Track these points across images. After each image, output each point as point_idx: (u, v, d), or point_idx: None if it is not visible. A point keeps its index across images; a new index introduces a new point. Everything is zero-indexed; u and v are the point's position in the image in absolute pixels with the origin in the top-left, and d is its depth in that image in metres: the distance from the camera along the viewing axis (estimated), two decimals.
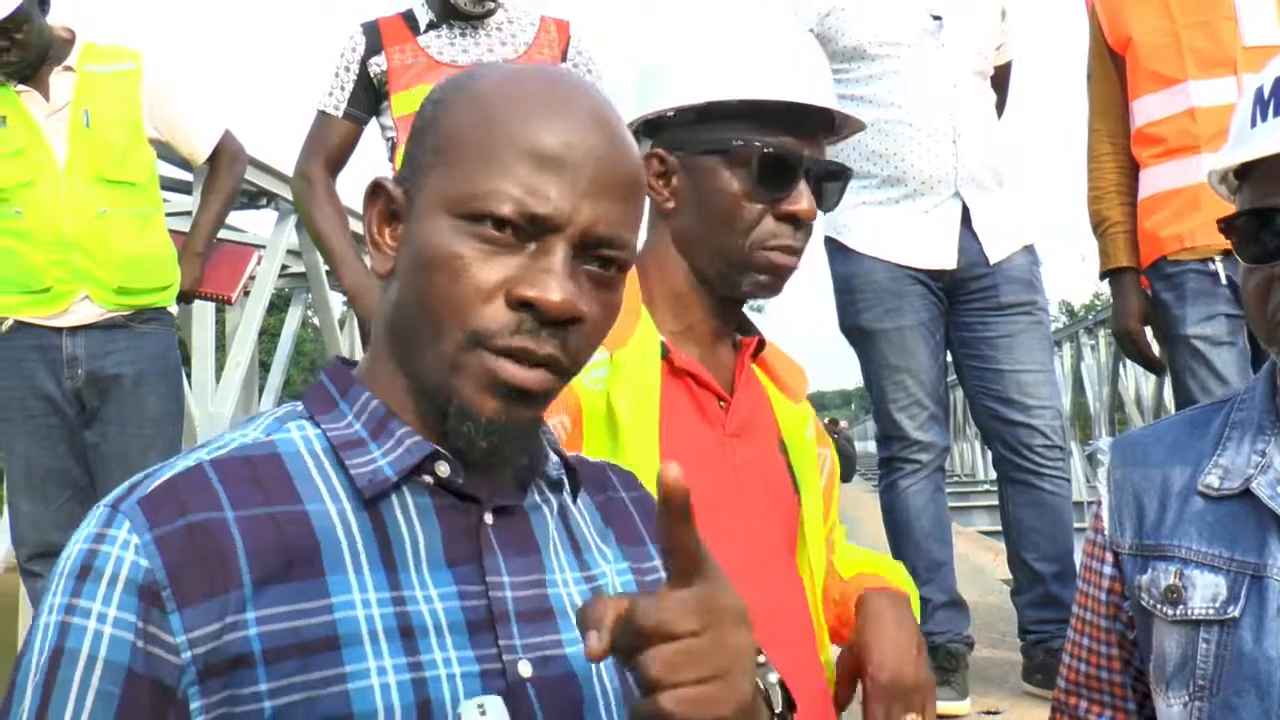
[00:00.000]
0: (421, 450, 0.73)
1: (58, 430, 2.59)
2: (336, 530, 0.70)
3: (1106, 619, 1.11)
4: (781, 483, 1.17)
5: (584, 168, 0.71)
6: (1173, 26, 2.24)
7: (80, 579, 0.66)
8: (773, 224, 1.11)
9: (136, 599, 0.65)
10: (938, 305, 2.45)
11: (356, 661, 0.67)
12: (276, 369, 5.22)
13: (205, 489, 0.68)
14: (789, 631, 1.11)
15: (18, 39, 2.49)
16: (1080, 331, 8.69)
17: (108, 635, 0.64)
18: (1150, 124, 2.27)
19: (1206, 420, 1.09)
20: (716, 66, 1.13)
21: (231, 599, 0.66)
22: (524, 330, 0.70)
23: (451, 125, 0.74)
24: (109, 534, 0.66)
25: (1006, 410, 2.44)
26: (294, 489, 0.71)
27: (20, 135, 2.56)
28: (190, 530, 0.66)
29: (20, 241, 2.55)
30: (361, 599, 0.69)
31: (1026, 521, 2.47)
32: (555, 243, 0.71)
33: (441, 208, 0.72)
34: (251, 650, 0.65)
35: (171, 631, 0.65)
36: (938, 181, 2.39)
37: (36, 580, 2.61)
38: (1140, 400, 7.56)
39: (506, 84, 0.74)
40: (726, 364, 1.18)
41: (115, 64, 2.66)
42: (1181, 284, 2.23)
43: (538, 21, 2.42)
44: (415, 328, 0.73)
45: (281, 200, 4.50)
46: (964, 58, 2.44)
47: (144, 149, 2.67)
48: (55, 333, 2.57)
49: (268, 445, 0.73)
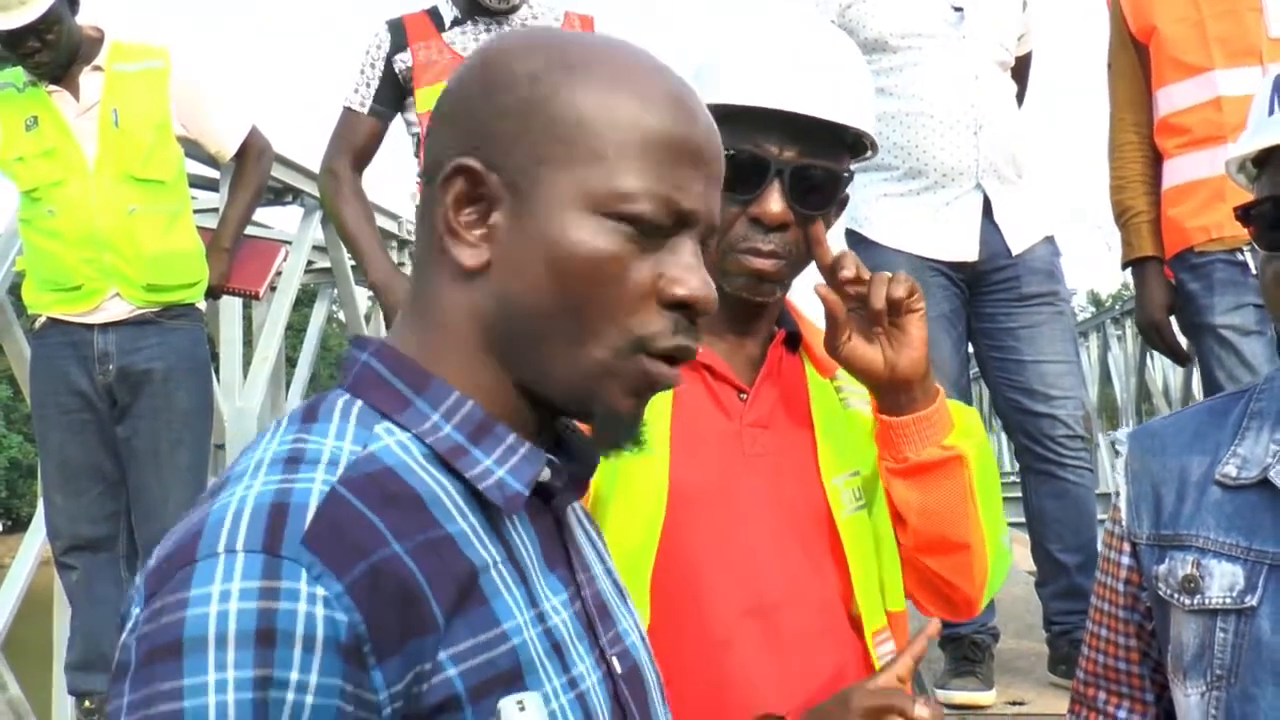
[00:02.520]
0: (539, 459, 0.69)
1: (90, 425, 2.63)
2: (480, 552, 0.65)
3: (1125, 610, 1.11)
4: (811, 469, 1.16)
5: (714, 163, 0.70)
6: (1199, 15, 2.22)
7: (264, 645, 0.55)
8: (744, 226, 1.11)
9: (340, 660, 0.57)
10: (959, 296, 2.44)
11: (537, 687, 0.64)
12: (303, 364, 5.26)
13: (363, 520, 0.60)
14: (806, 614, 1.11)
15: (48, 40, 2.53)
16: (1107, 322, 8.59)
17: (310, 706, 0.56)
18: (1175, 113, 2.26)
19: (1225, 410, 1.08)
20: (708, 75, 1.14)
21: (427, 643, 0.60)
22: (681, 330, 0.69)
23: (575, 108, 0.67)
24: (283, 587, 0.56)
25: (1029, 401, 2.43)
26: (428, 511, 0.64)
27: (51, 135, 2.60)
28: (375, 573, 0.59)
29: (52, 240, 2.59)
30: (522, 621, 0.65)
31: (1050, 512, 2.46)
32: (689, 236, 0.69)
33: (581, 203, 0.66)
34: (457, 692, 0.60)
35: (374, 689, 0.58)
36: (959, 173, 2.38)
37: (71, 573, 2.66)
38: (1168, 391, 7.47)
39: (623, 65, 0.69)
40: (753, 358, 1.18)
41: (143, 62, 2.69)
42: (1209, 274, 2.22)
43: (562, 17, 2.44)
44: (550, 328, 0.67)
45: (307, 196, 4.54)
46: (985, 49, 2.43)
47: (172, 147, 2.71)
48: (87, 329, 2.61)
49: (374, 459, 0.64)
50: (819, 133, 1.12)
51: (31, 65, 2.57)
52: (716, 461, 1.12)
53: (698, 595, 1.09)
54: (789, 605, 1.11)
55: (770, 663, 1.09)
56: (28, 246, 2.69)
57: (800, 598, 1.11)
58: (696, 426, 1.12)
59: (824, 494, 1.15)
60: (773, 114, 1.10)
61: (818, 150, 1.12)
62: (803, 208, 1.12)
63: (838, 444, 1.17)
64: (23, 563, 3.35)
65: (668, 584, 1.07)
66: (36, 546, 3.35)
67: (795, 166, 1.11)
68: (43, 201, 2.60)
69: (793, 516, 1.13)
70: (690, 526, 1.09)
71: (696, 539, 1.09)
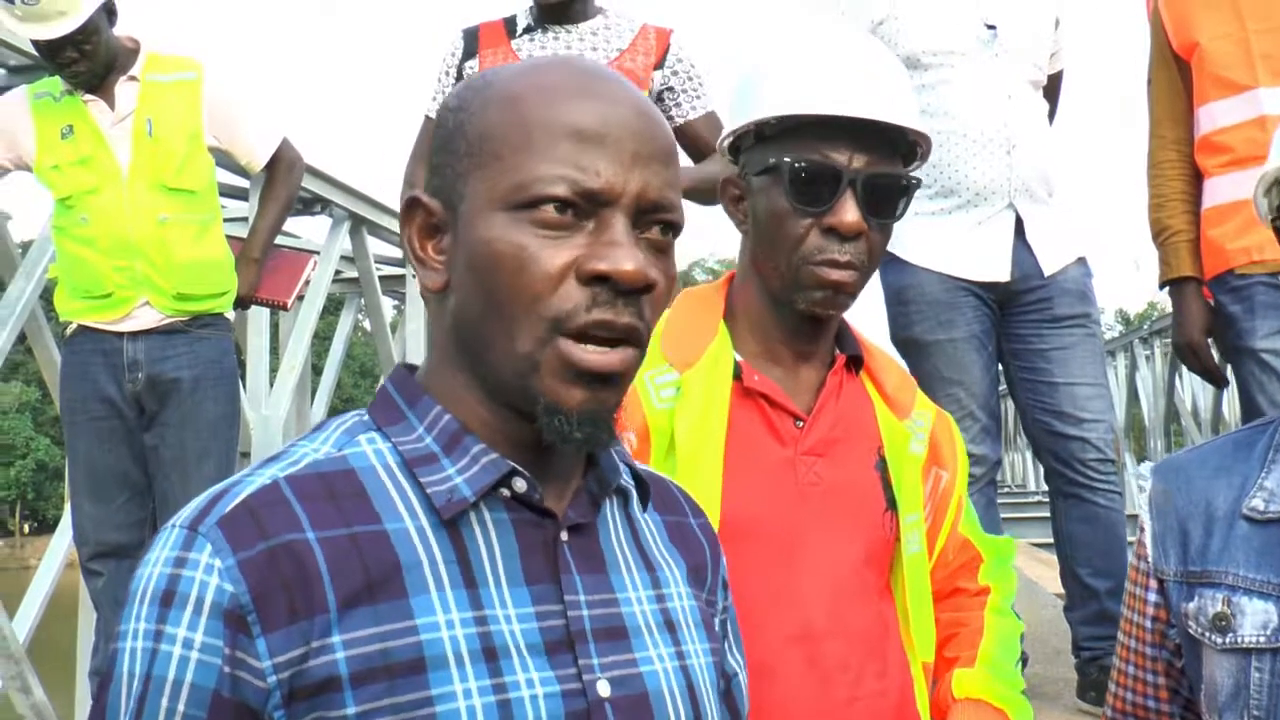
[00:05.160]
0: (499, 468, 0.72)
1: (118, 432, 2.65)
2: (417, 550, 0.70)
3: (1152, 647, 1.09)
4: (871, 499, 1.15)
5: (624, 139, 0.71)
6: (1243, 32, 2.18)
7: (165, 605, 0.65)
8: (818, 239, 1.11)
9: (222, 624, 0.65)
10: (990, 317, 2.42)
11: (443, 684, 0.67)
12: (329, 372, 5.29)
13: (283, 508, 0.68)
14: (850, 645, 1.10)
15: (86, 50, 2.55)
16: (1135, 342, 8.51)
17: (194, 660, 0.64)
18: (1217, 131, 2.22)
19: (1251, 442, 1.06)
20: (762, 88, 1.14)
21: (316, 623, 0.66)
22: (600, 303, 0.69)
23: (482, 125, 0.73)
24: (190, 557, 0.66)
25: (1059, 424, 2.40)
26: (371, 507, 0.70)
27: (86, 143, 2.62)
28: (273, 554, 0.66)
29: (85, 247, 2.62)
30: (445, 620, 0.68)
31: (1080, 537, 2.43)
32: (613, 215, 0.71)
33: (491, 205, 0.71)
34: (339, 673, 0.65)
35: (257, 656, 0.65)
36: (991, 193, 2.36)
37: (97, 579, 2.67)
38: (1197, 412, 7.39)
39: (527, 75, 0.74)
40: (811, 382, 1.17)
41: (178, 73, 2.71)
42: (1250, 296, 2.18)
43: (637, 29, 2.40)
44: (485, 332, 0.72)
45: (336, 206, 4.57)
46: (1018, 67, 2.41)
47: (203, 157, 2.73)
48: (117, 337, 2.63)
49: (340, 460, 0.72)
50: (880, 140, 1.12)
51: (69, 75, 2.60)
52: (769, 491, 1.11)
53: (742, 621, 1.08)
54: (833, 636, 1.09)
55: (812, 692, 1.07)
56: (61, 254, 2.72)
57: (845, 629, 1.10)
58: (750, 456, 1.11)
59: (883, 526, 1.14)
60: (837, 122, 1.10)
61: (881, 158, 1.12)
62: (875, 216, 1.12)
63: (907, 484, 1.17)
64: (49, 565, 3.38)
65: None
66: (63, 549, 3.37)
67: (867, 175, 1.10)
68: (77, 209, 2.62)
69: (845, 547, 1.12)
70: (739, 556, 1.08)
71: (744, 568, 1.08)
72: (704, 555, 0.87)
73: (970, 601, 1.29)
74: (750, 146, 1.17)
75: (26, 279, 3.12)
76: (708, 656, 0.81)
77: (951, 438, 1.27)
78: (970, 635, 1.26)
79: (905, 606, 1.14)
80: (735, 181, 1.19)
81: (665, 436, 1.10)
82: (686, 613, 0.81)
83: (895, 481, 1.15)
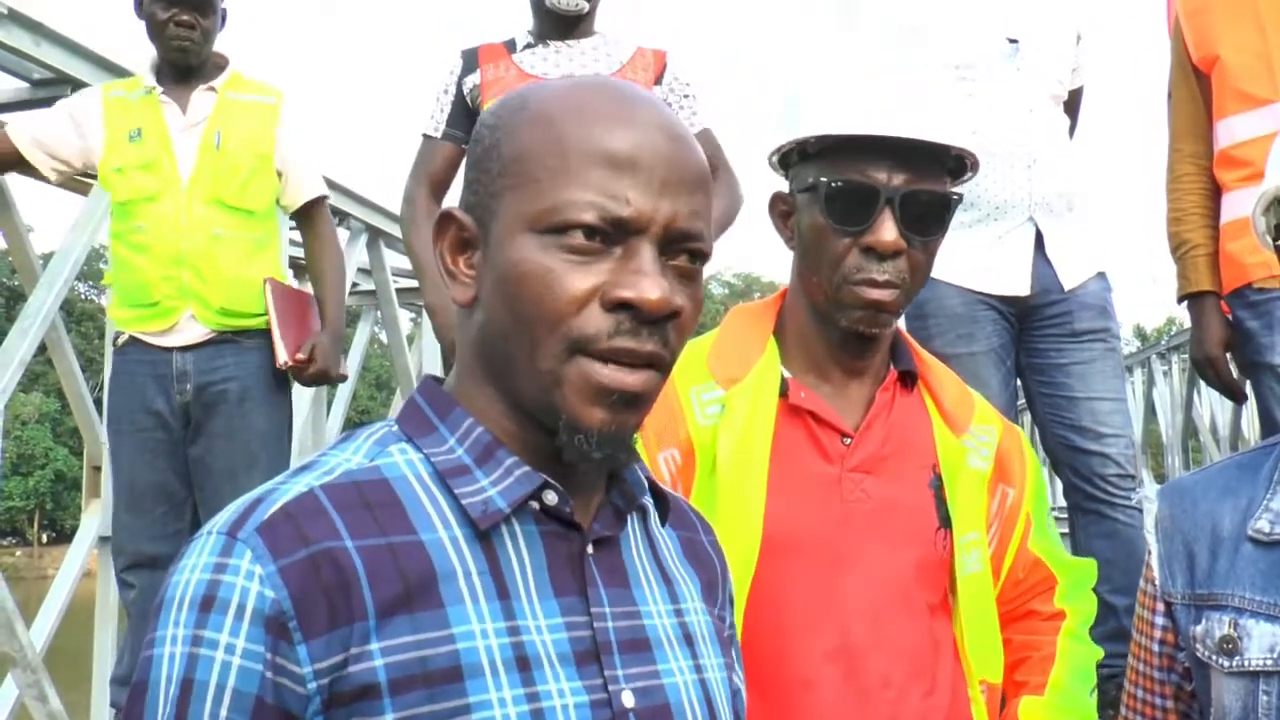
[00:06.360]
0: (532, 481, 0.73)
1: (162, 445, 2.62)
2: (452, 560, 0.71)
3: (1160, 670, 1.08)
4: (922, 517, 1.14)
5: (656, 167, 0.72)
6: (1264, 45, 2.17)
7: (204, 610, 0.66)
8: (857, 257, 1.11)
9: (264, 631, 0.65)
10: (1009, 331, 2.41)
11: (479, 693, 0.68)
12: (344, 385, 5.30)
13: (321, 516, 0.69)
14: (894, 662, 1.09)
15: (204, 24, 2.58)
16: (1153, 357, 8.45)
17: (236, 666, 0.65)
18: (1236, 145, 2.21)
19: (1256, 464, 1.06)
20: (805, 107, 1.15)
21: (356, 630, 0.67)
22: (623, 331, 0.71)
23: (518, 145, 0.74)
24: (230, 563, 0.66)
25: (1079, 439, 2.38)
26: (406, 517, 0.71)
27: (152, 148, 2.60)
28: (314, 560, 0.67)
29: (139, 254, 2.59)
30: (480, 629, 0.70)
31: (1099, 553, 2.40)
32: (640, 244, 0.72)
33: (522, 226, 0.72)
34: (377, 680, 0.66)
35: (298, 662, 0.65)
36: (1012, 207, 2.36)
37: (129, 590, 2.65)
38: (1215, 428, 7.32)
39: (566, 97, 0.75)
40: (861, 399, 1.17)
41: (257, 95, 2.71)
42: (1269, 311, 2.17)
43: (633, 49, 2.46)
44: (510, 348, 0.73)
45: (352, 219, 4.59)
46: (1040, 82, 2.41)
47: (268, 179, 2.69)
48: (165, 351, 2.60)
49: (373, 471, 0.73)
50: (923, 158, 1.12)
51: (173, 39, 2.57)
52: (813, 509, 1.11)
53: (782, 636, 1.08)
54: (876, 652, 1.09)
55: (852, 707, 1.07)
56: (115, 260, 2.69)
57: (889, 645, 1.09)
58: (794, 472, 1.11)
59: (935, 544, 1.13)
60: (877, 142, 1.10)
61: (923, 175, 1.12)
62: (915, 234, 1.11)
63: (965, 501, 1.15)
64: (66, 575, 3.39)
65: (753, 624, 1.07)
66: (80, 559, 3.38)
67: (905, 193, 1.10)
68: (134, 216, 2.60)
69: (891, 564, 1.11)
70: (781, 573, 1.09)
71: (786, 585, 1.08)
72: (715, 571, 0.88)
73: (1043, 625, 1.28)
74: (796, 163, 1.18)
75: (47, 290, 3.14)
76: (722, 671, 0.83)
77: (1022, 453, 1.26)
78: (1041, 661, 1.24)
79: (961, 625, 1.12)
80: (784, 198, 1.19)
81: (709, 453, 1.10)
82: (702, 627, 0.83)
83: (950, 499, 1.14)
